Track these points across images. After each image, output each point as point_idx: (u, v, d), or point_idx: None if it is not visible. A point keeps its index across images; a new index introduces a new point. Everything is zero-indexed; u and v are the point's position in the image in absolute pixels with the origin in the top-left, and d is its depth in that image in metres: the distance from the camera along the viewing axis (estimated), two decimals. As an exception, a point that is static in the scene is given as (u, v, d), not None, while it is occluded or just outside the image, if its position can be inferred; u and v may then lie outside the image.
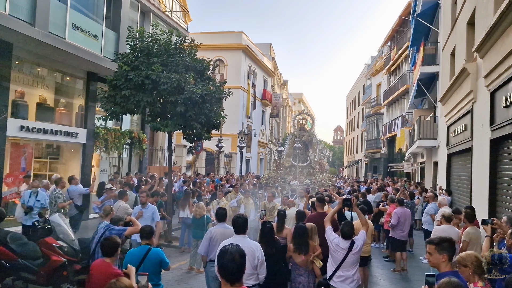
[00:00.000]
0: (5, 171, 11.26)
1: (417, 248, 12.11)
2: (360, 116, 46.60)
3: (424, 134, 17.63)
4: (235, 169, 28.40)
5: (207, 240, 5.74)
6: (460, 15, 12.36)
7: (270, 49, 43.45)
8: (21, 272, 6.68)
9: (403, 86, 25.86)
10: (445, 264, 3.65)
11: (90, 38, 13.38)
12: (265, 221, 6.03)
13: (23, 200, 8.93)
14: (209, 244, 5.70)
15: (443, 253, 3.67)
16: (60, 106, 13.73)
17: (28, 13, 10.81)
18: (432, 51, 18.69)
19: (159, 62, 11.18)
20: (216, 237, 5.67)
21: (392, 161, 31.49)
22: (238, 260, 2.77)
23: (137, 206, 8.94)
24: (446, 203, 10.17)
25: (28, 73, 12.35)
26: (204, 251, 5.75)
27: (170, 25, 18.83)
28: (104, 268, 4.30)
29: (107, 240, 4.53)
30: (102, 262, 4.40)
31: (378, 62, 36.83)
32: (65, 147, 14.17)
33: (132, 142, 16.97)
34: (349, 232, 5.21)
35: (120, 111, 11.50)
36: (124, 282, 3.07)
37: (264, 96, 38.66)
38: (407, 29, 26.46)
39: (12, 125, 11.15)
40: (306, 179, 16.02)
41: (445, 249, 3.67)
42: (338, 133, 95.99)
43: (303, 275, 5.48)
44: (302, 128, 17.93)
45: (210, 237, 5.72)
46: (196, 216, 9.14)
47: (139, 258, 4.91)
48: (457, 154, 13.07)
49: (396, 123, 26.43)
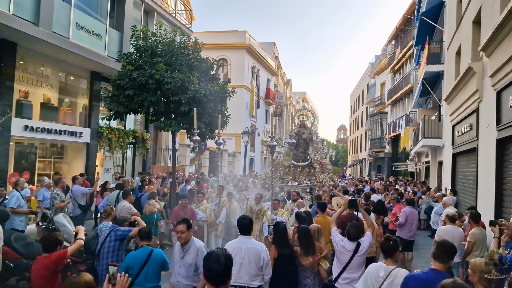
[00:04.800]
0: (9, 170, 11.28)
1: (422, 248, 12.04)
2: (364, 115, 46.46)
3: (429, 133, 17.52)
4: (239, 168, 28.38)
5: None
6: (465, 13, 12.26)
7: (274, 48, 43.37)
8: (25, 272, 6.69)
9: (408, 85, 25.73)
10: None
11: (94, 38, 13.37)
12: (278, 222, 5.99)
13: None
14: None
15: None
16: (64, 106, 13.75)
17: (32, 13, 10.80)
18: (437, 50, 18.56)
19: (163, 62, 11.15)
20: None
21: (396, 160, 31.37)
22: (223, 262, 2.74)
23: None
24: (451, 203, 10.11)
25: (32, 73, 12.36)
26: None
27: (173, 24, 18.81)
28: (40, 262, 4.34)
29: (48, 236, 4.58)
30: (39, 258, 4.43)
31: (382, 61, 36.69)
32: (69, 147, 14.19)
33: (135, 141, 16.97)
34: (355, 233, 5.16)
35: (124, 111, 11.49)
36: (84, 278, 3.09)
37: (267, 95, 38.61)
38: (411, 28, 26.33)
39: (16, 125, 11.17)
40: (306, 179, 15.34)
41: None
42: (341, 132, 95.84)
43: (309, 277, 5.43)
44: (302, 125, 17.01)
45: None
46: (146, 213, 9.17)
47: (142, 260, 4.88)
48: (462, 154, 12.99)
49: (400, 122, 26.31)
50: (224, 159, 27.24)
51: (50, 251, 4.34)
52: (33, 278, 4.27)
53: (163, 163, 20.79)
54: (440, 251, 3.93)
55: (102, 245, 5.84)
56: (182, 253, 5.05)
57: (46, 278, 4.23)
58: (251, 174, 23.04)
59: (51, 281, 4.26)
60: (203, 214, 9.34)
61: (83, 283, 2.99)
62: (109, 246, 5.80)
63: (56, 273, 4.31)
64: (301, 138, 16.38)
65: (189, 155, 22.11)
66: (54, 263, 4.25)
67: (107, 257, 5.75)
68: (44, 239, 4.53)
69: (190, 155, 22.17)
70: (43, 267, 4.20)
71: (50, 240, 4.42)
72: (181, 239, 4.97)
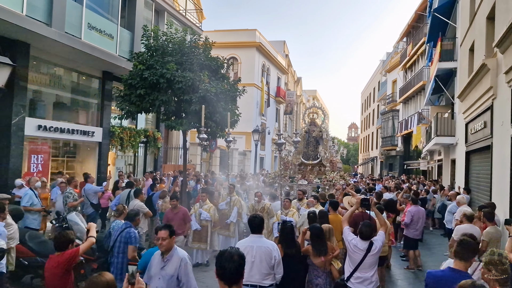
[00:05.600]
0: (23, 169, 11.43)
1: (435, 247, 11.91)
2: (375, 113, 46.10)
3: (442, 131, 17.32)
4: (249, 167, 28.39)
5: None
6: (479, 9, 12.07)
7: (284, 47, 43.25)
8: (39, 270, 6.77)
9: (419, 83, 25.47)
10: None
11: (106, 38, 13.47)
12: (285, 221, 5.96)
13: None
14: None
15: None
16: (77, 105, 13.88)
17: (45, 14, 10.92)
18: (450, 47, 18.31)
19: (173, 61, 11.20)
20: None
21: (408, 159, 31.07)
22: (236, 260, 2.74)
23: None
24: (466, 202, 9.98)
25: (45, 73, 12.50)
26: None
27: (184, 23, 18.86)
28: (53, 260, 4.37)
29: (59, 235, 4.59)
30: (52, 256, 4.46)
31: (394, 58, 36.35)
32: (82, 146, 14.33)
33: (147, 140, 17.08)
34: (367, 232, 5.10)
35: (135, 110, 11.57)
36: (106, 277, 3.09)
37: (278, 94, 38.53)
38: (423, 24, 26.04)
39: (30, 125, 11.31)
40: (315, 178, 15.12)
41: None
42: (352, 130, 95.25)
43: (321, 277, 5.40)
44: (312, 123, 16.57)
45: None
46: (162, 211, 9.35)
47: None
48: (476, 152, 12.81)
49: (412, 120, 26.05)
50: (234, 158, 27.28)
51: (62, 249, 4.39)
52: (47, 277, 4.32)
53: (174, 161, 20.90)
54: (462, 249, 3.83)
55: (114, 243, 5.87)
56: (162, 263, 4.47)
57: (59, 276, 4.27)
58: (262, 172, 23.04)
59: (64, 279, 4.30)
60: (207, 214, 9.14)
61: (105, 282, 3.01)
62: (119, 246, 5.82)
63: (69, 271, 4.35)
64: (311, 136, 16.16)
65: (200, 153, 22.18)
66: (66, 261, 4.29)
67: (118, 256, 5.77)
68: (56, 238, 4.57)
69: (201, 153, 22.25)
70: (56, 266, 4.25)
71: (61, 239, 4.47)
72: (162, 246, 4.43)
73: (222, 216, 9.81)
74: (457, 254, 3.85)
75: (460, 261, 3.81)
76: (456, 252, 3.86)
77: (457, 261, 3.83)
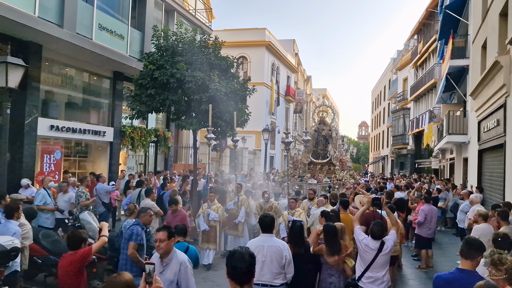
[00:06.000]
0: (36, 169, 11.58)
1: (447, 247, 11.81)
2: (385, 111, 45.77)
3: (454, 129, 17.15)
4: (259, 166, 28.40)
5: None
6: (491, 6, 11.92)
7: (294, 45, 43.15)
8: (52, 269, 6.84)
9: (431, 80, 25.21)
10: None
11: (116, 38, 13.58)
12: (295, 220, 5.95)
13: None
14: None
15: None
16: (88, 106, 14.02)
17: (57, 15, 11.05)
18: (462, 44, 18.10)
19: (183, 61, 11.23)
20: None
21: (419, 157, 30.81)
22: (247, 260, 2.75)
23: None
24: (479, 201, 9.87)
25: (57, 74, 12.65)
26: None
27: (193, 23, 18.92)
28: (66, 259, 4.40)
29: (72, 234, 4.63)
30: (65, 255, 4.49)
31: (405, 56, 36.05)
32: (93, 146, 14.47)
33: (157, 140, 17.18)
34: (379, 232, 5.07)
35: (146, 110, 11.65)
36: (125, 277, 3.11)
37: (287, 93, 38.47)
38: (434, 22, 25.76)
39: (43, 125, 11.45)
40: (325, 177, 15.03)
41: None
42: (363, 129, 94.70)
43: (334, 275, 5.39)
44: (322, 121, 16.39)
45: None
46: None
47: None
48: (489, 150, 12.66)
49: (424, 118, 25.82)
50: (244, 157, 27.31)
51: (74, 248, 4.45)
52: (60, 275, 4.37)
53: (184, 161, 21.00)
54: (467, 248, 3.79)
55: (124, 242, 5.90)
56: (161, 268, 4.22)
57: (72, 275, 4.32)
58: (272, 171, 23.04)
59: (77, 277, 4.36)
60: (215, 214, 9.06)
61: (124, 282, 3.04)
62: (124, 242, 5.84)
63: (81, 270, 4.41)
64: (321, 135, 16.08)
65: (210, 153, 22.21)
66: (79, 260, 4.34)
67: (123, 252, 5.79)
68: (68, 237, 4.63)
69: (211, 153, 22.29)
70: (69, 264, 4.30)
71: (74, 238, 4.52)
72: (160, 249, 4.19)
73: (230, 216, 9.80)
74: (463, 254, 3.80)
75: (466, 260, 3.77)
76: (462, 251, 3.82)
77: (463, 261, 3.79)
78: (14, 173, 10.49)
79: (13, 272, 5.64)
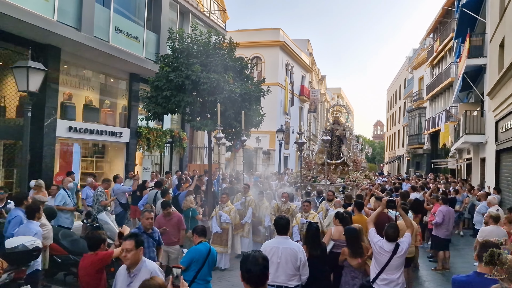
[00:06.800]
0: (55, 170, 11.82)
1: (464, 248, 11.68)
2: (401, 110, 45.30)
3: (471, 129, 16.91)
4: (274, 166, 28.42)
5: None
6: (509, 4, 11.73)
7: (308, 45, 43.02)
8: (72, 268, 7.02)
9: (447, 79, 24.89)
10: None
11: (132, 41, 13.76)
12: (311, 222, 5.99)
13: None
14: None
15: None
16: (105, 107, 14.26)
17: (75, 19, 11.26)
18: (479, 43, 17.84)
19: (198, 63, 11.33)
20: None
21: (435, 157, 30.42)
22: (261, 263, 2.81)
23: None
24: (496, 203, 9.74)
25: (75, 76, 12.89)
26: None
27: (208, 24, 19.04)
28: (87, 259, 4.51)
29: (91, 235, 4.78)
30: (86, 255, 4.61)
31: (420, 54, 35.61)
32: (110, 146, 14.70)
33: (173, 140, 17.35)
34: (393, 234, 5.07)
35: (161, 111, 11.79)
36: (157, 280, 3.19)
37: (302, 92, 38.38)
38: (451, 20, 25.42)
39: (61, 126, 11.69)
40: (339, 178, 14.85)
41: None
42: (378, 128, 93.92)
43: (358, 277, 5.42)
44: (336, 121, 16.15)
45: None
46: (183, 208, 9.12)
47: (205, 254, 5.15)
48: (507, 151, 12.48)
49: (440, 117, 25.49)
50: (259, 157, 27.36)
51: (94, 249, 4.57)
52: (81, 275, 4.50)
53: (199, 161, 21.15)
54: (485, 252, 3.78)
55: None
56: (128, 279, 3.91)
57: (93, 274, 4.45)
58: (286, 171, 23.05)
59: (97, 277, 4.49)
60: (227, 216, 9.02)
61: (157, 286, 3.13)
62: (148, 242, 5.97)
63: (101, 270, 4.53)
64: (335, 135, 15.95)
65: (225, 153, 22.34)
66: (99, 261, 4.46)
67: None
68: (88, 238, 4.77)
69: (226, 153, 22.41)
70: (90, 265, 4.42)
71: (94, 239, 4.64)
72: (127, 259, 3.87)
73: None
74: (481, 258, 3.76)
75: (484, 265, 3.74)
76: (479, 255, 3.79)
77: (481, 265, 3.75)
78: (34, 175, 10.73)
79: (34, 271, 5.81)
